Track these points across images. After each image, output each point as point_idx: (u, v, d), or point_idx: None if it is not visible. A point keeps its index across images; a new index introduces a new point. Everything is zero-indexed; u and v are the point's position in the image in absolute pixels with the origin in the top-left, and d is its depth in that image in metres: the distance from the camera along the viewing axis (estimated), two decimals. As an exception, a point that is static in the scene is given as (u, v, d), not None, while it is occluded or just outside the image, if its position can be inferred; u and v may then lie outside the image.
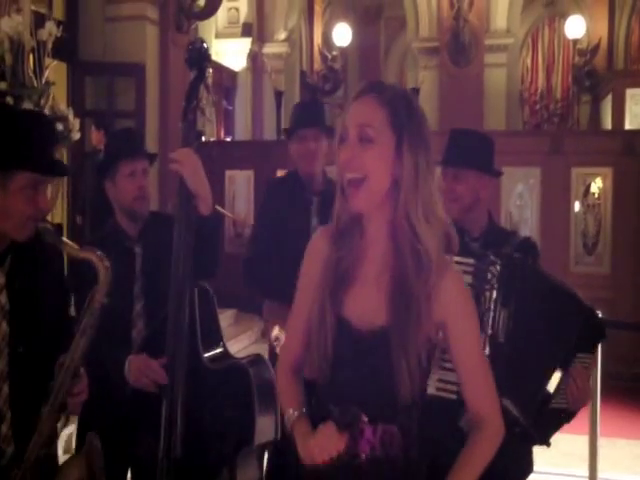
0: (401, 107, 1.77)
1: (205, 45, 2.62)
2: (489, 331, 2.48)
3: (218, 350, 2.61)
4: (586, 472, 4.32)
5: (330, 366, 1.78)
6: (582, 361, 2.55)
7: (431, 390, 2.50)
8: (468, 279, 2.49)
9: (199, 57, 2.58)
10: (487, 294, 2.50)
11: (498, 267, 2.50)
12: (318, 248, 1.87)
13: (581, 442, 4.45)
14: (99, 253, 2.23)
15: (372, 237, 1.81)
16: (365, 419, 1.75)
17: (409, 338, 1.74)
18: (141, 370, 2.54)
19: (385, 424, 1.78)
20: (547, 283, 2.58)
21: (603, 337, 2.66)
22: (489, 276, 2.49)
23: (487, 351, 2.48)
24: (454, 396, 2.50)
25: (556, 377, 2.53)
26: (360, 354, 1.77)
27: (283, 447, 1.99)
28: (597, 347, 2.67)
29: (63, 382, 2.20)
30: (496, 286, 2.49)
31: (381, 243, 1.80)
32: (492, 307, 2.49)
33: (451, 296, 1.79)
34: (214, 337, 2.64)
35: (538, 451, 2.71)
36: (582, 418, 2.81)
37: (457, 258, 2.24)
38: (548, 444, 2.55)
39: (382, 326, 1.76)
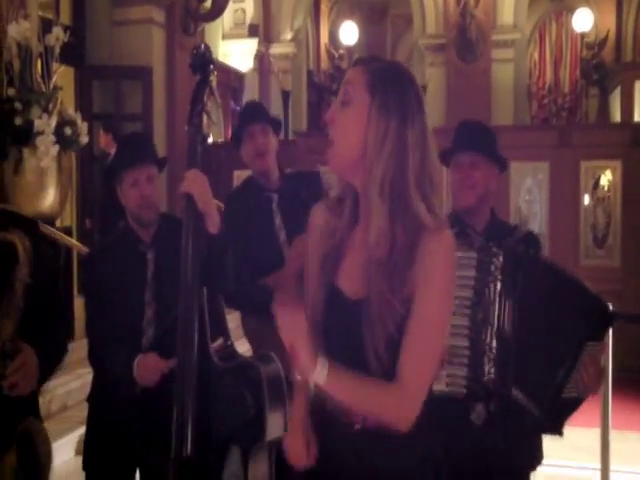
0: (384, 73, 1.74)
1: (209, 49, 2.64)
2: (495, 323, 2.50)
3: (226, 346, 2.62)
4: (597, 465, 4.31)
5: (322, 333, 1.79)
6: (592, 348, 2.55)
7: (440, 387, 2.51)
8: (472, 272, 2.50)
9: (203, 61, 2.60)
10: (491, 286, 2.51)
11: (501, 259, 2.51)
12: (314, 224, 1.90)
13: (592, 435, 4.45)
14: (18, 232, 2.22)
15: (363, 204, 1.79)
16: None
17: (388, 306, 1.70)
18: (149, 368, 2.57)
19: None
20: (551, 272, 2.58)
21: (611, 323, 2.67)
22: (492, 268, 2.51)
23: (494, 344, 2.49)
24: (464, 390, 2.52)
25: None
26: (346, 322, 1.77)
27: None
28: (606, 334, 2.67)
29: None
30: (500, 278, 2.50)
31: (368, 209, 1.77)
32: (497, 299, 2.50)
33: (432, 263, 1.71)
34: (222, 335, 2.65)
35: (549, 444, 2.72)
36: (593, 411, 2.81)
37: (460, 253, 2.25)
38: (561, 433, 2.56)
39: (361, 298, 1.75)
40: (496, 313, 2.50)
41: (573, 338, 2.53)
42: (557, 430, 2.56)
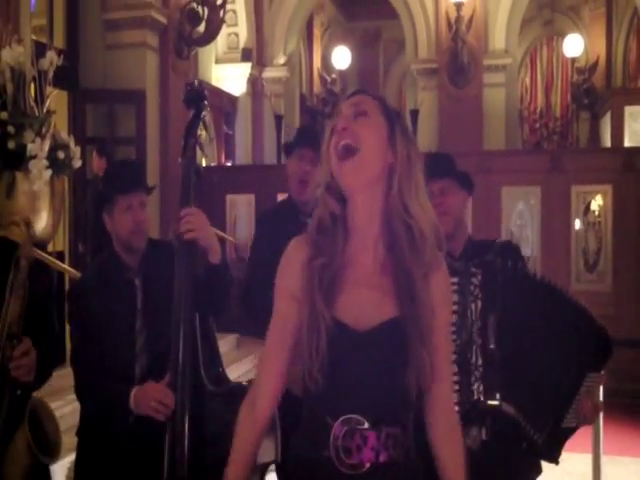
0: (389, 107, 1.84)
1: (202, 85, 2.71)
2: (479, 340, 2.51)
3: (218, 373, 2.63)
4: (590, 490, 4.32)
5: (324, 374, 1.73)
6: (592, 379, 2.57)
7: None
8: (455, 298, 2.52)
9: (196, 97, 2.68)
10: (472, 306, 2.53)
11: (479, 277, 2.53)
12: (295, 259, 1.84)
13: (585, 460, 4.45)
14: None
15: (360, 233, 1.81)
16: (367, 425, 1.74)
17: (423, 325, 1.76)
18: (149, 394, 2.56)
19: (388, 426, 1.76)
20: (535, 282, 2.61)
21: (611, 354, 2.67)
22: (472, 288, 2.53)
23: (480, 362, 2.50)
24: (456, 407, 2.53)
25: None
26: (361, 354, 1.74)
27: (286, 469, 1.99)
28: (606, 363, 2.68)
29: None
30: (480, 295, 2.52)
31: (370, 238, 1.81)
32: (479, 316, 2.52)
33: (441, 289, 1.84)
34: (214, 362, 2.66)
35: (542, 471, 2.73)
36: (585, 436, 2.83)
37: None
38: (557, 462, 2.57)
39: (389, 319, 1.76)
40: (478, 331, 2.51)
41: (575, 368, 2.55)
42: (554, 458, 2.57)
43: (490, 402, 2.49)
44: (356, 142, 1.76)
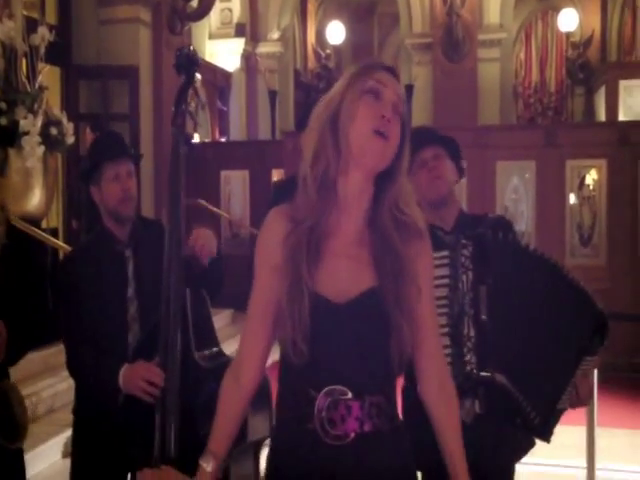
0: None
1: (194, 50, 2.65)
2: (471, 312, 2.51)
3: (213, 350, 2.63)
4: (584, 463, 4.34)
5: (307, 343, 1.72)
6: (588, 363, 2.57)
7: None
8: (445, 271, 2.52)
9: (187, 62, 2.60)
10: (464, 278, 2.52)
11: (470, 248, 2.53)
12: (276, 230, 1.81)
13: (579, 433, 4.47)
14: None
15: (348, 205, 1.79)
16: (350, 395, 1.74)
17: (401, 293, 1.75)
18: (138, 374, 2.55)
19: (372, 396, 1.76)
20: (528, 255, 2.60)
21: (607, 336, 2.67)
22: (463, 259, 2.53)
23: (472, 333, 2.50)
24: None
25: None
26: (342, 326, 1.74)
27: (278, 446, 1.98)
28: (602, 346, 2.67)
29: None
30: (471, 267, 2.52)
31: (355, 212, 1.80)
32: (470, 288, 2.52)
33: (426, 264, 1.86)
34: (208, 338, 2.65)
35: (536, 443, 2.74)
36: (579, 409, 2.83)
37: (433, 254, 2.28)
38: (549, 440, 2.58)
39: (367, 289, 1.75)
40: (469, 302, 2.51)
41: (573, 350, 2.54)
42: (547, 437, 2.58)
43: (482, 373, 2.50)
44: (389, 135, 1.75)
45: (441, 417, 1.87)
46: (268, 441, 2.25)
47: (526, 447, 2.75)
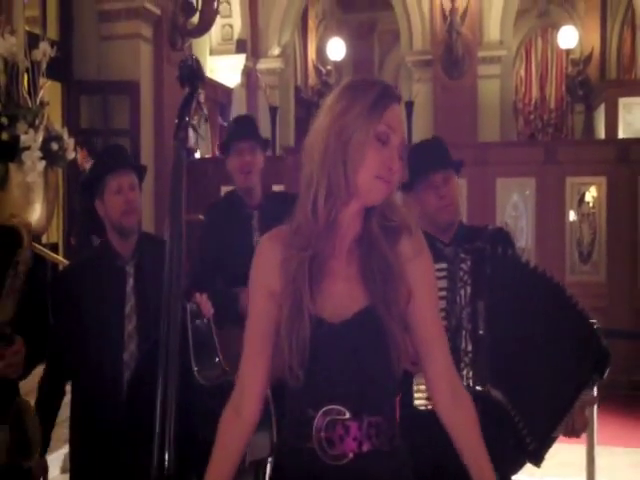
0: None
1: (197, 62, 2.62)
2: (468, 326, 2.50)
3: (213, 366, 2.61)
4: (584, 480, 4.33)
5: (304, 369, 1.72)
6: (586, 395, 2.57)
7: (422, 402, 2.52)
8: (443, 284, 2.51)
9: (190, 74, 2.58)
10: (462, 292, 2.52)
11: (469, 262, 2.52)
12: (271, 256, 1.80)
13: (579, 451, 4.46)
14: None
15: (344, 228, 1.79)
16: (348, 415, 1.74)
17: (393, 309, 1.75)
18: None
19: (370, 416, 1.75)
20: (528, 272, 2.60)
21: (608, 367, 2.65)
22: (461, 274, 2.53)
23: (469, 348, 2.49)
24: None
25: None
26: (338, 346, 1.74)
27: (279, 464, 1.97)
28: (602, 378, 2.66)
29: None
30: (469, 281, 2.51)
31: (350, 232, 1.80)
32: (468, 302, 2.51)
33: (421, 271, 1.83)
34: (209, 353, 2.64)
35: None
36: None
37: None
38: (539, 465, 2.57)
39: (361, 309, 1.75)
40: (467, 317, 2.51)
41: (572, 381, 2.53)
42: (537, 462, 2.57)
43: (478, 387, 2.49)
44: (391, 181, 1.76)
45: (460, 423, 1.84)
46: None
47: (522, 462, 2.75)
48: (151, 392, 2.46)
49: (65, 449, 4.44)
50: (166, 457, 2.33)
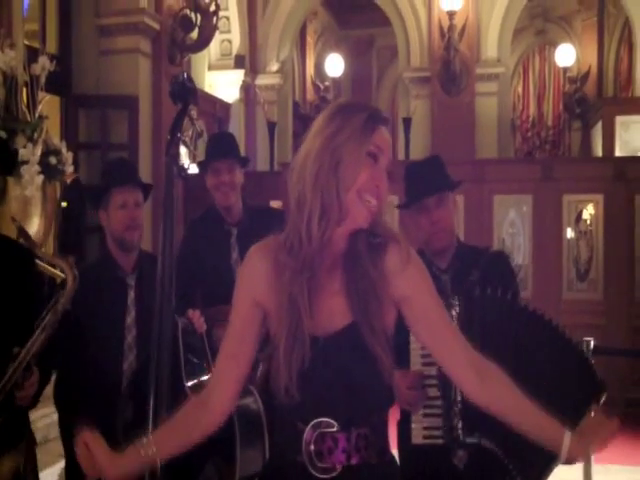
0: None
1: (190, 78, 2.63)
2: None
3: (205, 381, 2.61)
4: (580, 499, 4.30)
5: (297, 385, 1.73)
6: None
7: (418, 440, 2.50)
8: None
9: (181, 90, 2.58)
10: None
11: (458, 309, 2.47)
12: (258, 267, 1.83)
13: (576, 469, 4.43)
14: (70, 260, 2.33)
15: (333, 244, 1.80)
16: (337, 427, 1.74)
17: (376, 325, 1.75)
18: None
19: (358, 428, 1.76)
20: (519, 312, 2.54)
21: (602, 394, 2.62)
22: (452, 318, 2.46)
23: (459, 396, 2.45)
24: (441, 440, 2.50)
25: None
26: (325, 360, 1.75)
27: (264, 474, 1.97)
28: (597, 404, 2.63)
29: (13, 373, 2.27)
30: (459, 327, 2.45)
31: (337, 247, 1.81)
32: None
33: (414, 280, 1.83)
34: (201, 368, 2.64)
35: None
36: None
37: None
38: None
39: (347, 325, 1.76)
40: None
41: (569, 414, 2.50)
42: None
43: (469, 440, 2.47)
44: (379, 200, 1.78)
45: (502, 398, 1.84)
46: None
47: None
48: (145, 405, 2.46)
49: (61, 463, 4.41)
50: (158, 469, 2.32)
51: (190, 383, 2.55)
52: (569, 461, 2.55)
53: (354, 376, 1.76)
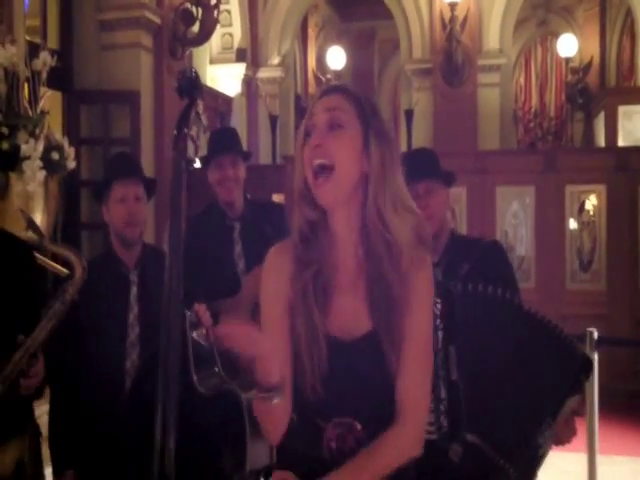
0: (365, 103, 1.79)
1: (196, 73, 2.63)
2: (442, 372, 2.44)
3: (212, 375, 2.61)
4: (585, 490, 4.31)
5: (322, 384, 1.73)
6: (570, 401, 2.54)
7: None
8: None
9: (189, 85, 2.58)
10: (435, 337, 2.45)
11: (439, 306, 2.45)
12: (279, 267, 1.80)
13: (580, 460, 4.45)
14: (77, 252, 2.36)
15: (341, 240, 1.78)
16: (359, 427, 1.75)
17: (395, 337, 1.74)
18: None
19: (380, 427, 1.76)
20: (500, 304, 2.52)
21: (591, 370, 2.62)
22: (436, 316, 2.46)
23: (443, 395, 2.44)
24: (434, 436, 2.49)
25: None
26: (349, 362, 1.74)
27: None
28: (584, 385, 2.62)
29: (19, 361, 2.27)
30: (441, 326, 2.44)
31: (351, 245, 1.77)
32: (441, 347, 2.44)
33: (419, 293, 1.79)
34: (208, 362, 2.64)
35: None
36: (580, 436, 2.81)
37: None
38: None
39: (368, 332, 1.75)
40: (441, 363, 2.43)
41: (553, 397, 2.49)
42: None
43: (456, 437, 2.47)
44: (331, 160, 1.73)
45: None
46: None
47: None
48: (151, 400, 2.46)
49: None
50: (166, 466, 2.32)
51: (197, 377, 2.54)
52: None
53: (378, 379, 1.77)
